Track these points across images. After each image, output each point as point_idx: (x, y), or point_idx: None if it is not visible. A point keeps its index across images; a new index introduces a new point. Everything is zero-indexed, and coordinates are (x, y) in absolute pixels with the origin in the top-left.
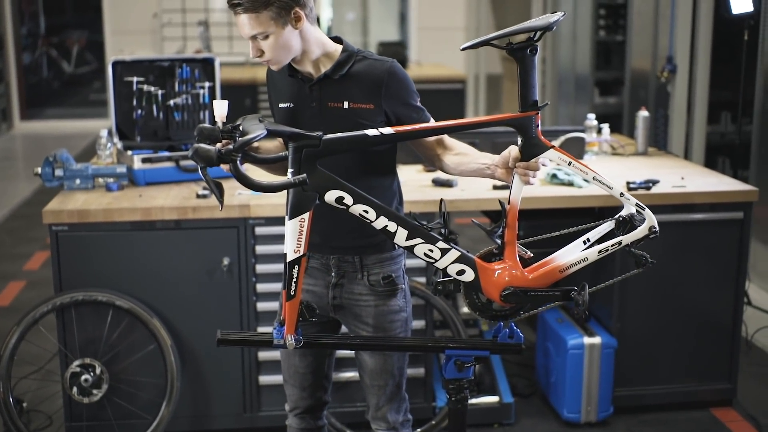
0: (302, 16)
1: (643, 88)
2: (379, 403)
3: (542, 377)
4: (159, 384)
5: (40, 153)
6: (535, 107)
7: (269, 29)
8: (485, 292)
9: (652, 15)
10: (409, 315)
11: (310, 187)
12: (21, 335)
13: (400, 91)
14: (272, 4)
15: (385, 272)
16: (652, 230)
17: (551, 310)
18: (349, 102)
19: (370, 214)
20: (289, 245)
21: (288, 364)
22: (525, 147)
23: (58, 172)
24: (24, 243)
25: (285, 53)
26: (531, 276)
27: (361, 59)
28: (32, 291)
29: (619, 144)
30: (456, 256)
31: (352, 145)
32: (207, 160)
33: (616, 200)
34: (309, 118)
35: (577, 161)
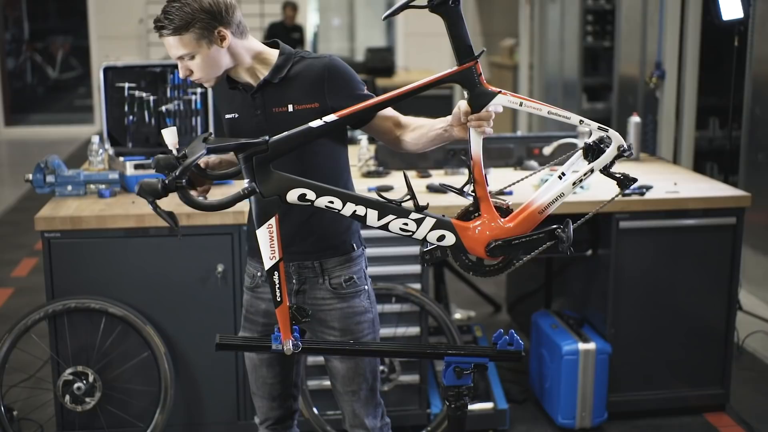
0: (226, 34)
1: (631, 94)
2: (355, 409)
3: (536, 383)
4: (153, 391)
5: (25, 159)
6: (472, 57)
7: (194, 50)
8: (471, 251)
9: (639, 21)
10: (375, 316)
11: (269, 191)
12: (12, 343)
13: (342, 85)
14: (194, 25)
15: (347, 274)
16: (621, 149)
17: (545, 317)
18: (293, 104)
19: (336, 204)
20: (264, 253)
21: (256, 375)
22: (472, 99)
23: (50, 179)
24: (11, 250)
25: (214, 71)
26: (512, 225)
27: (299, 60)
28: (21, 298)
29: None
30: (432, 222)
31: (300, 140)
32: (153, 193)
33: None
34: (255, 127)
35: (527, 100)
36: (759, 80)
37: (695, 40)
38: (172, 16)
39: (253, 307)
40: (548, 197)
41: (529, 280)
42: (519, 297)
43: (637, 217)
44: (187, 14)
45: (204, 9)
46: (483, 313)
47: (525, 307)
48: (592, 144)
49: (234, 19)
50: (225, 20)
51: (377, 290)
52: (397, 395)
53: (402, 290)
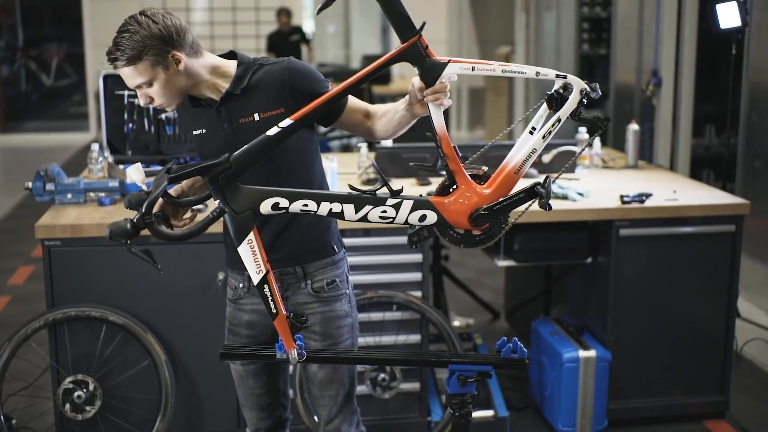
0: (181, 57)
1: (628, 102)
2: (330, 414)
3: (536, 391)
4: (153, 400)
5: (20, 166)
6: (414, 31)
7: (151, 77)
8: (456, 225)
9: (636, 28)
10: (354, 321)
11: (241, 207)
12: (12, 351)
13: (305, 86)
14: (147, 53)
15: (329, 277)
16: (584, 92)
17: (545, 324)
18: (259, 113)
19: (311, 206)
20: (250, 269)
21: (243, 387)
22: (424, 73)
23: (49, 187)
24: (7, 257)
25: (173, 95)
26: (490, 190)
27: (259, 68)
28: (18, 306)
29: (610, 157)
30: (410, 204)
31: (262, 151)
32: (125, 235)
33: (611, 213)
34: (224, 140)
35: (479, 63)
36: (756, 88)
37: (691, 47)
38: (123, 46)
39: (236, 319)
40: (521, 155)
41: (527, 287)
42: (517, 304)
43: (637, 225)
44: (138, 42)
45: (155, 35)
46: (482, 320)
47: (524, 314)
48: (554, 93)
49: (186, 40)
50: (177, 43)
51: (378, 298)
52: (398, 403)
53: (403, 298)
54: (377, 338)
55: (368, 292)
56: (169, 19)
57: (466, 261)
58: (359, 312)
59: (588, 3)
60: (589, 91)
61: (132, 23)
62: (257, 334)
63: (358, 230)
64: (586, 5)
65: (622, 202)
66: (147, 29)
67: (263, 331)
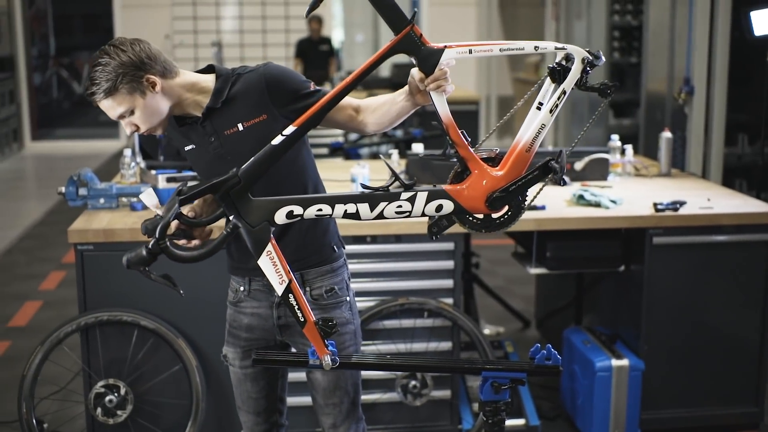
0: (155, 80)
1: (659, 110)
2: (335, 422)
3: (567, 400)
4: (184, 405)
5: (51, 173)
6: (407, 21)
7: (131, 104)
8: (473, 211)
9: (667, 36)
10: (356, 328)
11: (256, 220)
12: (45, 355)
13: (284, 90)
14: (122, 82)
15: (328, 285)
16: (586, 60)
17: (577, 333)
18: (242, 122)
19: (325, 210)
20: (273, 281)
21: (240, 390)
22: (421, 62)
23: (82, 192)
24: (38, 263)
25: (157, 118)
26: (503, 172)
27: (237, 78)
28: (50, 311)
29: (643, 165)
30: (425, 196)
31: (268, 161)
32: (142, 263)
33: (644, 221)
34: (213, 153)
35: (476, 45)
36: None
37: (724, 55)
38: (97, 80)
39: (236, 321)
40: (531, 132)
41: (559, 295)
42: (549, 313)
43: (671, 233)
44: (111, 73)
45: (125, 63)
46: (512, 329)
47: (555, 323)
48: (555, 66)
49: (158, 62)
50: (149, 66)
51: (409, 305)
52: (429, 411)
53: (434, 305)
54: (408, 345)
55: (399, 298)
56: (137, 45)
57: (496, 269)
58: (390, 319)
59: (619, 11)
60: (592, 59)
61: (102, 56)
62: (257, 337)
63: (390, 236)
64: (616, 13)
65: (655, 210)
66: (117, 58)
67: (262, 335)
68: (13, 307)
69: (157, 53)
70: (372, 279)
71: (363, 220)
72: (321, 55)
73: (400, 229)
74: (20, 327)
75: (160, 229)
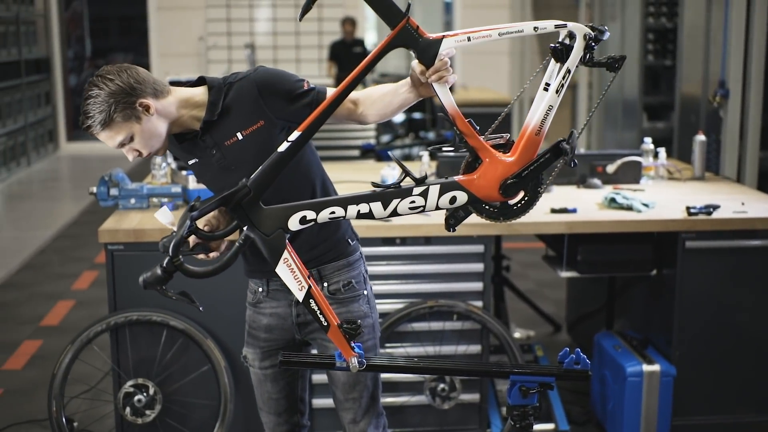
0: (148, 103)
1: (693, 113)
2: (355, 417)
3: (598, 405)
4: (212, 405)
5: (86, 174)
6: (401, 16)
7: (129, 131)
8: (488, 200)
9: (702, 39)
10: (375, 322)
11: (269, 228)
12: (75, 354)
13: (277, 93)
14: (115, 111)
15: (345, 279)
16: (588, 37)
17: (607, 338)
18: (240, 131)
19: (338, 212)
20: (292, 287)
21: (261, 390)
22: (421, 55)
23: (113, 192)
24: (72, 262)
25: (156, 140)
26: (514, 157)
27: (229, 87)
28: (82, 310)
29: (676, 168)
30: (437, 189)
31: (276, 169)
32: (159, 282)
33: (677, 225)
34: (216, 164)
35: (473, 32)
36: None
37: (760, 58)
38: (91, 113)
39: (255, 322)
40: (539, 115)
41: (590, 299)
42: (580, 317)
43: (704, 237)
44: (103, 104)
45: (115, 92)
46: (543, 332)
47: (586, 327)
48: (557, 45)
49: (147, 85)
50: (140, 91)
51: (439, 307)
52: (457, 414)
53: (463, 308)
54: (437, 348)
55: (428, 301)
56: (124, 72)
57: (527, 272)
58: (419, 321)
59: (653, 13)
60: (595, 35)
61: (91, 89)
62: (276, 338)
63: (419, 238)
64: (651, 15)
65: (688, 214)
66: (106, 88)
67: (281, 335)
68: (46, 307)
69: (145, 76)
70: (401, 281)
71: (378, 219)
72: (354, 57)
73: (429, 231)
74: (52, 326)
75: (173, 247)
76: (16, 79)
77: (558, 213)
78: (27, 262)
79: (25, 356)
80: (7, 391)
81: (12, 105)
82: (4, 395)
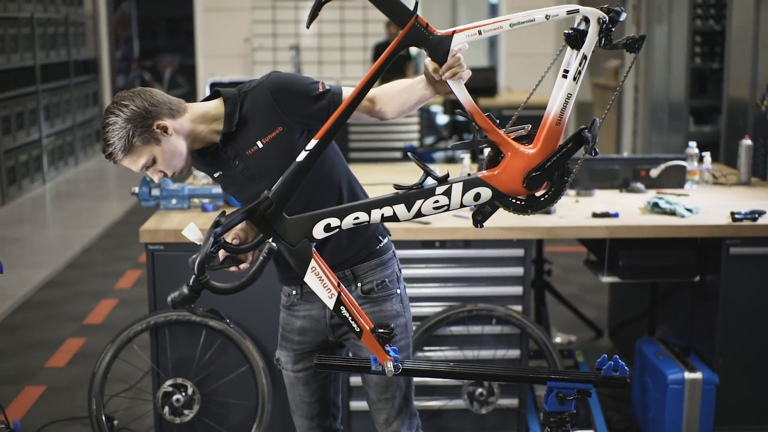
0: (165, 123)
1: (741, 117)
2: (388, 418)
3: (639, 412)
4: (250, 406)
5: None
6: (409, 15)
7: (150, 154)
8: (512, 193)
9: (750, 42)
10: (408, 321)
11: (294, 238)
12: (115, 353)
13: (292, 98)
14: (134, 136)
15: (379, 278)
16: (602, 21)
17: (649, 344)
18: (260, 140)
19: (362, 217)
20: (322, 296)
21: (294, 394)
22: (433, 52)
23: (155, 192)
24: (116, 261)
25: (179, 159)
26: (536, 149)
27: (244, 97)
28: (124, 309)
29: (721, 173)
30: (460, 186)
31: (297, 178)
32: (186, 301)
33: (721, 230)
34: (240, 174)
35: (484, 24)
36: None
37: None
38: (111, 140)
39: (288, 324)
40: (558, 104)
41: (632, 305)
42: (622, 322)
43: (749, 243)
44: (121, 130)
45: (131, 117)
46: (584, 337)
47: (628, 333)
48: (570, 32)
49: (162, 106)
50: (156, 113)
51: (478, 311)
52: (495, 419)
53: (503, 312)
54: (476, 352)
55: (468, 304)
56: (138, 97)
57: (570, 276)
58: (457, 325)
59: (701, 16)
60: (609, 19)
61: (108, 116)
62: (309, 340)
63: (459, 242)
64: (698, 18)
65: (733, 220)
66: (122, 114)
67: (315, 338)
68: (90, 305)
69: (160, 97)
70: (440, 284)
71: (402, 221)
72: (399, 59)
73: (468, 235)
74: (96, 324)
75: (198, 265)
76: (64, 79)
77: (599, 217)
78: (72, 261)
79: (68, 354)
80: (50, 389)
81: (60, 105)
82: (47, 392)
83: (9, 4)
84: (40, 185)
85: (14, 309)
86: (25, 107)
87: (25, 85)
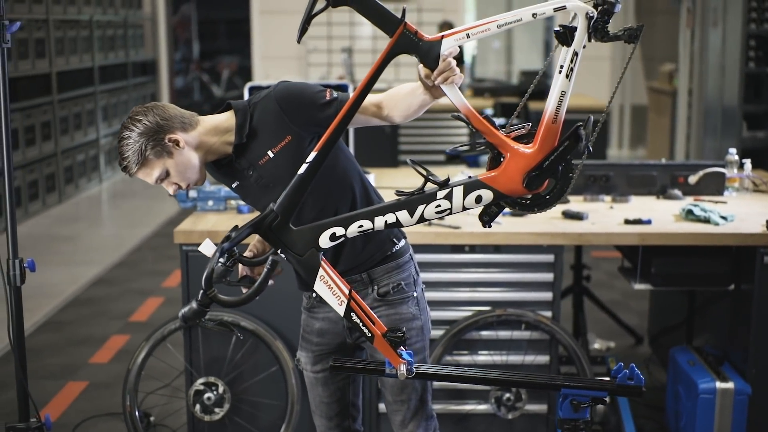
0: (177, 137)
1: None
2: (404, 419)
3: (672, 421)
4: (280, 406)
5: None
6: (397, 23)
7: (163, 167)
8: (513, 194)
9: None
10: (424, 323)
11: (301, 249)
12: (149, 351)
13: (300, 108)
14: (147, 150)
15: (395, 281)
16: (589, 15)
17: (683, 353)
18: (271, 150)
19: (366, 225)
20: (332, 303)
21: (313, 394)
22: (423, 58)
23: (192, 194)
24: (164, 260)
25: (192, 171)
26: (535, 148)
27: (254, 107)
28: (169, 308)
29: (762, 180)
30: (461, 190)
31: (301, 191)
32: (198, 315)
33: (755, 239)
34: (255, 183)
35: (472, 28)
36: None
37: None
38: (125, 154)
39: (308, 326)
40: (553, 103)
41: (672, 313)
42: (661, 330)
43: None
44: (134, 144)
45: (144, 132)
46: (623, 344)
47: (667, 340)
48: (559, 29)
49: (174, 120)
50: (167, 127)
51: (507, 316)
52: (523, 424)
53: (532, 317)
54: (504, 357)
55: (497, 309)
56: (151, 112)
57: (613, 282)
58: (486, 330)
59: (755, 19)
60: (597, 12)
61: (123, 131)
62: (328, 342)
63: (489, 246)
64: (753, 21)
65: (767, 228)
66: (136, 129)
67: (333, 339)
68: (136, 302)
69: (173, 112)
70: (470, 289)
71: (406, 227)
72: None
73: (498, 240)
74: (140, 322)
75: (205, 280)
76: (122, 80)
77: (631, 224)
78: (123, 259)
79: (112, 350)
80: (92, 384)
81: (118, 106)
82: (89, 388)
83: (69, 7)
84: (96, 184)
85: (63, 306)
86: (83, 108)
87: (84, 87)
